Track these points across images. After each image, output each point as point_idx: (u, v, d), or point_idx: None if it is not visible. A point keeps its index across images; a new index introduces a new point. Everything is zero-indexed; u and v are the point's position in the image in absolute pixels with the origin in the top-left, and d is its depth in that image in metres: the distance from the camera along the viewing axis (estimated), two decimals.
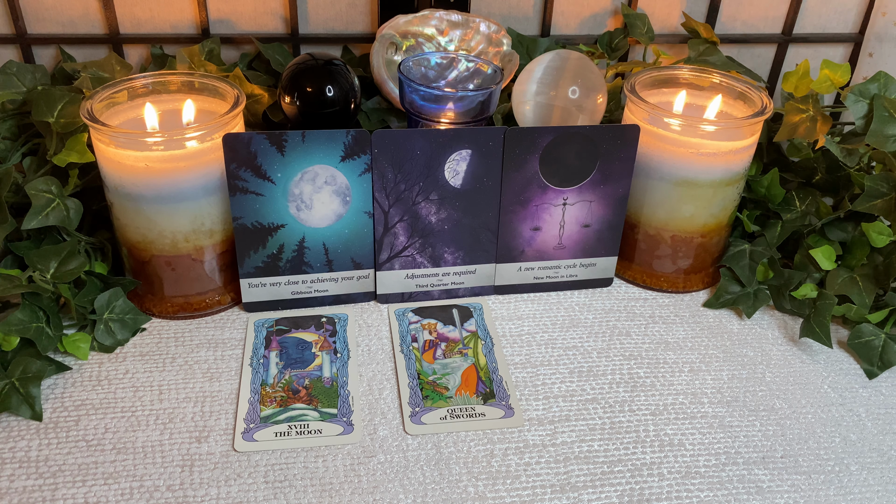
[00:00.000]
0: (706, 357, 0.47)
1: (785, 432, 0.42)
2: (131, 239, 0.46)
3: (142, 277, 0.47)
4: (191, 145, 0.43)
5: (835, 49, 0.68)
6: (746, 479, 0.39)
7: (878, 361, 0.47)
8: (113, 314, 0.46)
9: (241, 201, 0.45)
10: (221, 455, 0.39)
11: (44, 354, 0.42)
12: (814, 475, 0.40)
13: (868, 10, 0.66)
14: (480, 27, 0.58)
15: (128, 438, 0.40)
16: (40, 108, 0.46)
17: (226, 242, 0.47)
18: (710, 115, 0.51)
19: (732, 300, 0.51)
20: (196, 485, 0.37)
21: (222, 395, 0.42)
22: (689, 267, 0.52)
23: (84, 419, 0.41)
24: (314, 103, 0.51)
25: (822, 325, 0.47)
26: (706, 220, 0.50)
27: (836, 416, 0.43)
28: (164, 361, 0.45)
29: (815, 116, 0.50)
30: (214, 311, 0.48)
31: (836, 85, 0.53)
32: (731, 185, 0.50)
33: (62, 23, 0.58)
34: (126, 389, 0.43)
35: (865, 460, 0.41)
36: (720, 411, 0.43)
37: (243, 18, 0.60)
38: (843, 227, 0.51)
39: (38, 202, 0.44)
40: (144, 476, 0.38)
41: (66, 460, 0.38)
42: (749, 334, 0.49)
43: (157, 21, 0.59)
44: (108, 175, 0.44)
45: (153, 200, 0.44)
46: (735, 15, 0.66)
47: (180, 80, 0.48)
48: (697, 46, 0.62)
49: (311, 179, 0.45)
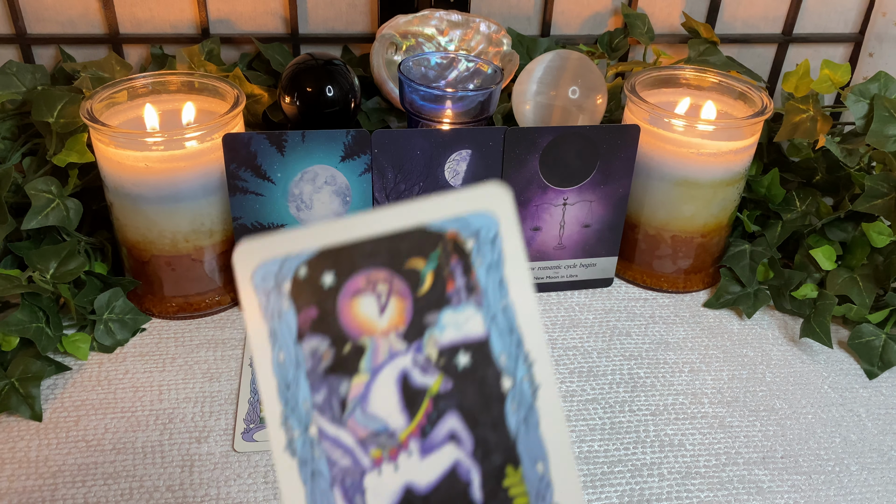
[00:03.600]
0: (706, 357, 0.47)
1: (785, 432, 0.42)
2: (131, 239, 0.46)
3: (142, 277, 0.47)
4: (191, 145, 0.43)
5: (835, 49, 0.68)
6: (747, 479, 0.39)
7: (878, 361, 0.47)
8: (113, 314, 0.46)
9: (240, 201, 0.44)
10: (221, 455, 0.39)
11: (43, 355, 0.42)
12: (814, 475, 0.40)
13: (868, 10, 0.66)
14: (480, 27, 0.58)
15: (127, 439, 0.39)
16: (40, 109, 0.46)
17: (226, 242, 0.47)
18: (710, 116, 0.51)
19: (733, 300, 0.51)
20: (196, 485, 0.37)
21: (222, 396, 0.42)
22: (689, 267, 0.52)
23: (84, 419, 0.40)
24: (314, 103, 0.51)
25: (823, 326, 0.47)
26: (706, 220, 0.50)
27: (836, 416, 0.43)
28: (164, 361, 0.45)
29: (816, 116, 0.50)
30: (214, 311, 0.48)
31: (836, 85, 0.53)
32: (731, 186, 0.50)
33: (62, 23, 0.58)
34: (126, 390, 0.42)
35: (866, 460, 0.41)
36: (720, 411, 0.43)
37: (243, 18, 0.60)
38: (844, 227, 0.51)
39: (38, 202, 0.44)
40: (144, 476, 0.38)
41: (65, 460, 0.38)
42: (749, 334, 0.49)
43: (156, 21, 0.59)
44: (108, 175, 0.44)
45: (153, 200, 0.44)
46: (735, 15, 0.66)
47: (180, 80, 0.48)
48: (697, 46, 0.62)
49: (311, 179, 0.45)
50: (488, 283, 0.21)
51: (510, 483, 0.21)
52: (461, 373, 0.21)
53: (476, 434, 0.21)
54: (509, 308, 0.21)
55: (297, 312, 0.20)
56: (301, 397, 0.21)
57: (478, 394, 0.21)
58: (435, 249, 0.21)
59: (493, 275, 0.21)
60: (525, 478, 0.21)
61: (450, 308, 0.21)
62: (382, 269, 0.21)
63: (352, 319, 0.21)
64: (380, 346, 0.21)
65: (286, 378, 0.21)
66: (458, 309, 0.21)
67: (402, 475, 0.21)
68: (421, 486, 0.21)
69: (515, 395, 0.21)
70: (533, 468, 0.21)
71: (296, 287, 0.20)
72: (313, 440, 0.21)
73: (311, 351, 0.21)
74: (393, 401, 0.21)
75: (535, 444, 0.21)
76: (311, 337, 0.21)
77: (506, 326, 0.21)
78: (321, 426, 0.21)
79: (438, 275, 0.21)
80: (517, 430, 0.21)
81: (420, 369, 0.21)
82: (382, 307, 0.21)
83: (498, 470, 0.21)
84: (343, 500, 0.21)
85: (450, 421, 0.21)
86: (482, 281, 0.21)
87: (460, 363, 0.21)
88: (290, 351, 0.21)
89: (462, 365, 0.21)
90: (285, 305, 0.20)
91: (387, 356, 0.21)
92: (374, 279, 0.21)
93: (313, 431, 0.21)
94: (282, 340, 0.20)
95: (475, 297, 0.21)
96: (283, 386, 0.21)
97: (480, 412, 0.21)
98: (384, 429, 0.21)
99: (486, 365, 0.21)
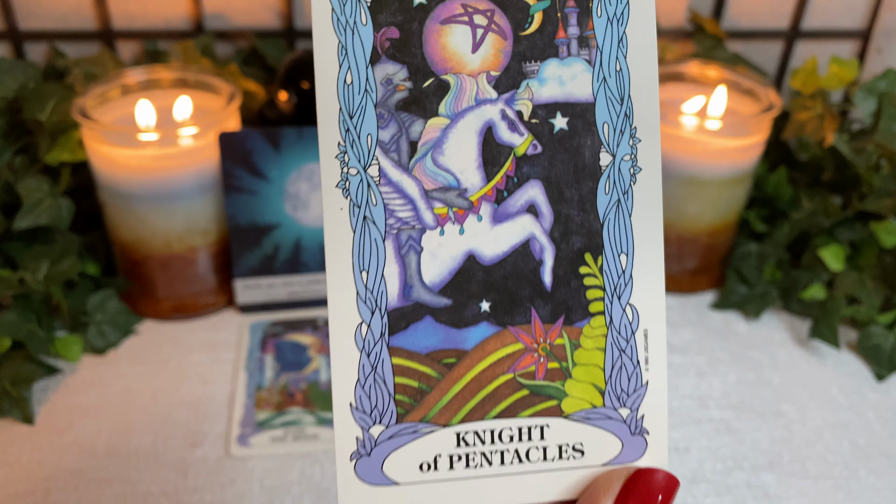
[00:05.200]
0: (712, 360, 0.46)
1: (793, 436, 0.41)
2: (124, 239, 0.45)
3: (135, 278, 0.46)
4: (185, 142, 0.42)
5: (843, 45, 0.67)
6: (753, 484, 0.38)
7: (887, 363, 0.46)
8: (105, 315, 0.45)
9: (235, 200, 0.44)
10: (216, 460, 0.38)
11: (35, 357, 0.42)
12: (822, 480, 0.39)
13: (876, 5, 0.65)
14: None
15: (121, 443, 0.39)
16: (31, 106, 0.45)
17: (220, 242, 0.46)
18: (717, 113, 0.50)
19: (739, 301, 0.50)
20: (190, 490, 0.36)
21: (217, 399, 0.42)
22: (695, 267, 0.51)
23: (76, 423, 0.40)
24: (311, 99, 0.50)
25: (831, 327, 0.47)
26: (713, 219, 0.49)
27: (844, 419, 0.43)
28: (158, 364, 0.44)
29: (823, 114, 0.49)
30: (208, 312, 0.48)
31: (844, 81, 0.52)
32: (737, 184, 0.49)
33: (54, 18, 0.57)
34: (119, 392, 0.42)
35: (874, 465, 0.40)
36: (727, 415, 0.42)
37: (238, 13, 0.59)
38: (852, 227, 0.50)
39: (30, 201, 0.43)
40: (138, 481, 0.37)
41: (58, 465, 0.37)
42: (756, 336, 0.49)
43: (150, 16, 0.58)
44: (101, 173, 0.43)
45: (146, 199, 0.43)
46: (741, 10, 0.65)
47: (174, 75, 0.48)
48: (703, 42, 0.61)
49: (308, 177, 0.44)
50: (606, 37, 0.18)
51: (586, 272, 0.19)
52: (554, 137, 0.18)
53: (558, 210, 0.19)
54: (625, 73, 0.18)
55: (376, 29, 0.18)
56: (365, 130, 0.18)
57: (569, 165, 0.18)
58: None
59: (614, 29, 0.18)
60: (604, 270, 0.19)
61: (556, 59, 0.18)
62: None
63: (438, 50, 0.18)
64: (466, 87, 0.18)
65: (351, 104, 0.18)
66: (566, 62, 0.18)
67: (467, 240, 0.18)
68: (486, 256, 0.19)
69: (612, 175, 0.18)
70: (616, 261, 0.19)
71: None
72: (371, 182, 0.18)
73: (384, 78, 0.18)
74: (471, 154, 0.18)
75: (624, 235, 0.19)
76: (386, 62, 0.18)
77: (616, 93, 0.18)
78: (383, 167, 0.18)
79: (549, 16, 0.18)
80: (606, 214, 0.19)
81: (508, 124, 0.18)
82: (477, 43, 0.18)
83: (576, 255, 0.19)
84: (395, 255, 0.18)
85: (531, 190, 0.18)
86: (599, 34, 0.18)
87: (556, 125, 0.18)
88: (361, 74, 0.18)
89: (557, 128, 0.18)
90: (362, 18, 0.18)
91: (472, 102, 0.18)
92: (472, 7, 0.18)
93: (373, 172, 0.18)
94: (352, 59, 0.18)
95: (587, 52, 0.18)
96: (347, 113, 0.18)
97: (568, 186, 0.19)
98: (455, 184, 0.18)
99: (586, 133, 0.18)
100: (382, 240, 0.18)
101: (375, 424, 0.18)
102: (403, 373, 0.19)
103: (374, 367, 0.18)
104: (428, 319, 0.19)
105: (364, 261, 0.18)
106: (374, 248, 0.18)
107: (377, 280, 0.18)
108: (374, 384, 0.18)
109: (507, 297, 0.19)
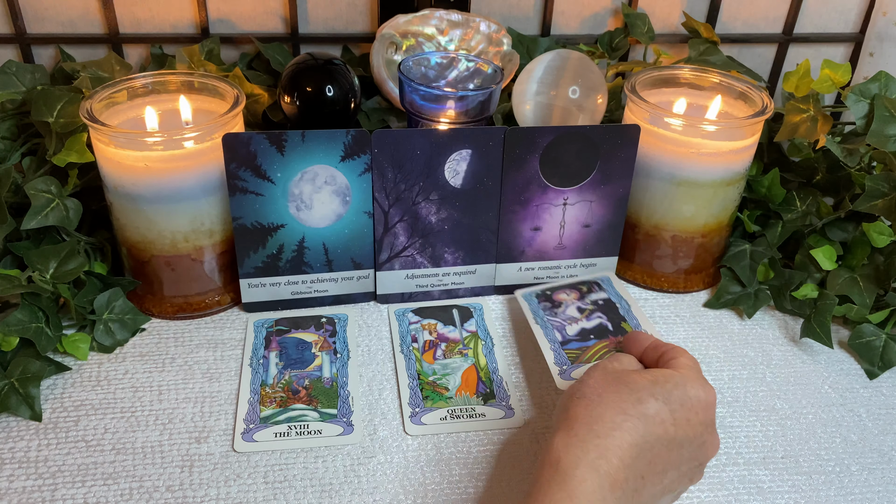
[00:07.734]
0: (707, 357, 0.47)
1: (786, 433, 0.42)
2: (131, 239, 0.46)
3: (141, 277, 0.47)
4: (190, 145, 0.43)
5: (835, 49, 0.68)
6: (747, 479, 0.39)
7: (878, 361, 0.47)
8: (112, 314, 0.46)
9: (240, 201, 0.44)
10: (221, 455, 0.39)
11: (43, 355, 0.42)
12: (814, 475, 0.40)
13: (869, 9, 0.66)
14: (480, 27, 0.58)
15: (127, 439, 0.39)
16: (40, 108, 0.46)
17: (225, 242, 0.47)
18: (711, 116, 0.51)
19: (733, 300, 0.51)
20: (196, 485, 0.37)
21: (222, 396, 0.42)
22: (689, 267, 0.52)
23: (83, 419, 0.40)
24: (314, 103, 0.51)
25: (823, 326, 0.47)
26: (707, 220, 0.50)
27: (836, 416, 0.43)
28: (164, 362, 0.45)
29: (816, 116, 0.50)
30: (214, 311, 0.48)
31: (836, 85, 0.53)
32: (731, 185, 0.50)
33: (62, 22, 0.58)
34: (125, 390, 0.42)
35: (866, 461, 0.41)
36: (721, 412, 0.43)
37: (243, 18, 0.60)
38: (844, 227, 0.51)
39: (38, 202, 0.44)
40: (144, 477, 0.37)
41: (65, 461, 0.38)
42: (750, 335, 0.49)
43: (156, 21, 0.59)
44: (108, 175, 0.44)
45: (153, 200, 0.44)
46: (736, 14, 0.66)
47: (180, 79, 0.48)
48: (698, 46, 0.62)
49: (311, 179, 0.45)
50: None
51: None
52: None
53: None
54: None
55: None
56: None
57: None
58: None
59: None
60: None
61: None
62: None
63: None
64: None
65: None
66: None
67: None
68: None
69: None
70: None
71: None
72: None
73: None
74: None
75: None
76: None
77: None
78: None
79: None
80: None
81: None
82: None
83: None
84: None
85: None
86: None
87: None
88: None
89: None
90: None
91: None
92: None
93: None
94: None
95: None
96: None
97: None
98: None
99: None
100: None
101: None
102: None
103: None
104: None
105: None
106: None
107: None
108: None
109: None
